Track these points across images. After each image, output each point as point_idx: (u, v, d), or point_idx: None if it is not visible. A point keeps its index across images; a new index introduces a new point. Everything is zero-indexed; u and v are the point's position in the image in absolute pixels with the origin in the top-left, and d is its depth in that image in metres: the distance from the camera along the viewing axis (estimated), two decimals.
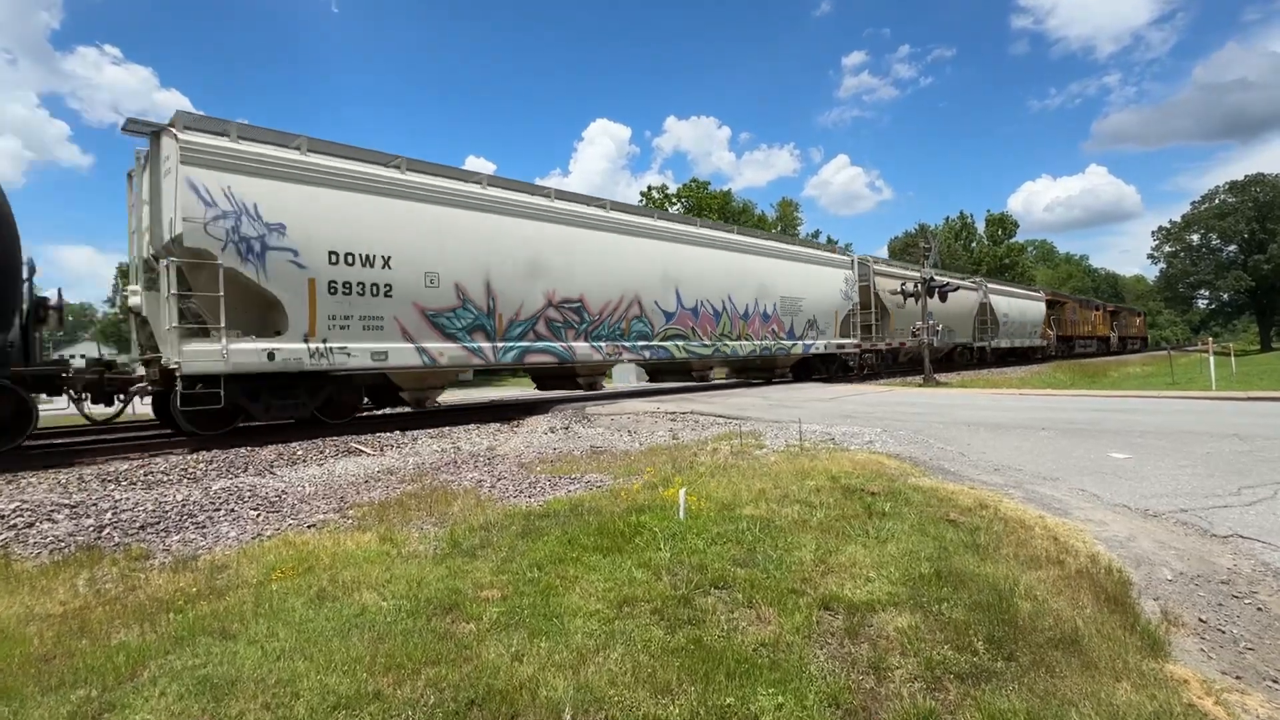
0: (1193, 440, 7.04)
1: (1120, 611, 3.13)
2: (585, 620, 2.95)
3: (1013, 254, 73.93)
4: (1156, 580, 3.57)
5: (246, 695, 2.39)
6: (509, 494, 5.73)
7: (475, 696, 2.38)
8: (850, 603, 3.15)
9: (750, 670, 2.58)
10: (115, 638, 2.96)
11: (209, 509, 5.36)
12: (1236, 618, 3.26)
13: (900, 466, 5.88)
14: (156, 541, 4.61)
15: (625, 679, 2.51)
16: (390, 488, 6.17)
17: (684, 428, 9.28)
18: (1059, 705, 2.39)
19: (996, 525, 4.19)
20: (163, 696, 2.40)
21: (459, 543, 4.13)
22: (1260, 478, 5.39)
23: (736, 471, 5.80)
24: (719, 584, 3.35)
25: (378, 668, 2.56)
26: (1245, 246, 65.03)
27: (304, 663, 2.59)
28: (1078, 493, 5.19)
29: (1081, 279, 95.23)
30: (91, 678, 2.56)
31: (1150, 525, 4.40)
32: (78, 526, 4.84)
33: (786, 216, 64.08)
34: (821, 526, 4.19)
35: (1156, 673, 2.62)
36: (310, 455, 8.11)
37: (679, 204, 51.11)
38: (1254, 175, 65.95)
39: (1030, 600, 3.15)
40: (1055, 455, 6.57)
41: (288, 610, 3.13)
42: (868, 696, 2.53)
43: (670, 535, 3.95)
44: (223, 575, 3.76)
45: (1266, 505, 4.69)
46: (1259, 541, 4.04)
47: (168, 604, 3.31)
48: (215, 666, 2.59)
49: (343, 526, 4.79)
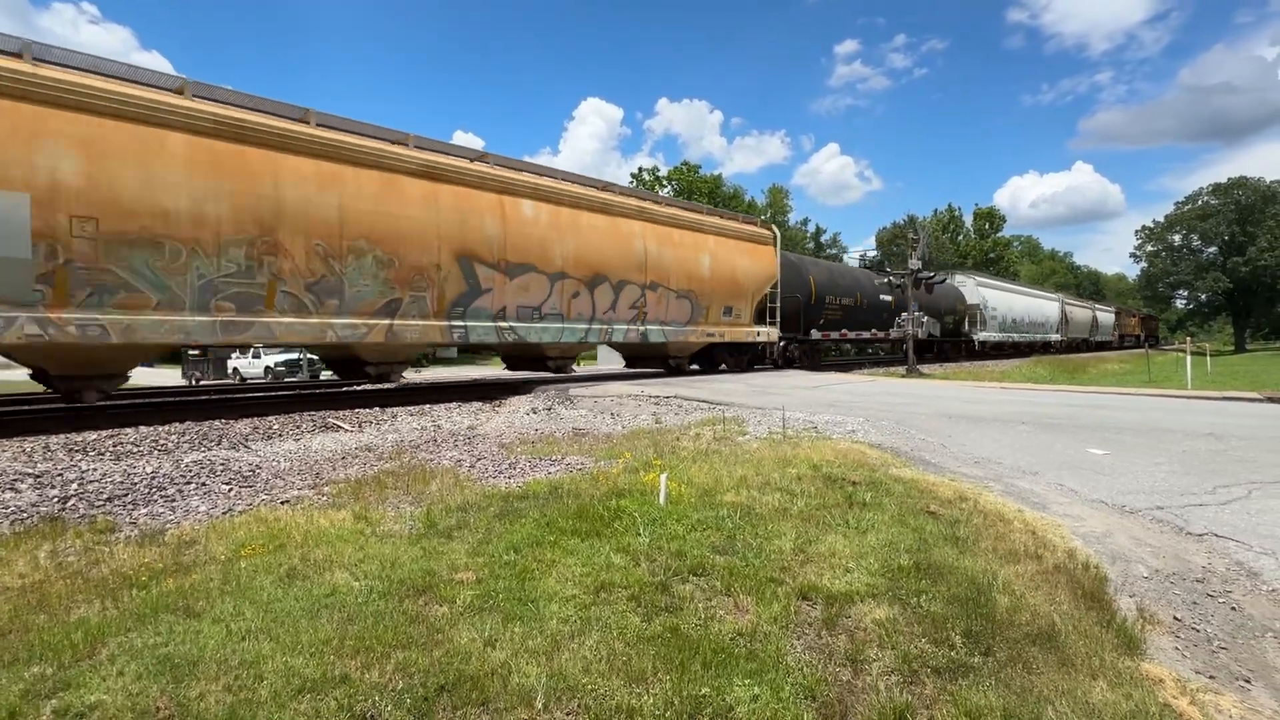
0: (1169, 438, 7.12)
1: (1097, 608, 3.14)
2: (561, 605, 2.90)
3: (999, 248, 74.54)
4: (1133, 577, 3.59)
5: (208, 676, 2.31)
6: (488, 474, 5.66)
7: (445, 682, 2.33)
8: (829, 593, 3.13)
9: (727, 660, 2.55)
10: (75, 613, 2.86)
11: (179, 482, 5.24)
12: (1211, 617, 3.28)
13: (882, 457, 5.88)
14: (123, 514, 4.49)
15: (599, 667, 2.46)
16: (367, 465, 6.07)
17: (667, 412, 9.24)
18: (1035, 702, 2.38)
19: (976, 518, 4.20)
20: (120, 676, 2.32)
21: (435, 523, 4.06)
22: (1235, 477, 5.45)
23: (718, 457, 5.77)
24: (697, 571, 3.31)
25: (346, 650, 2.49)
26: (1225, 248, 65.96)
27: (270, 643, 2.52)
28: (1056, 487, 5.22)
29: (1065, 275, 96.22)
30: (47, 654, 2.47)
31: (1127, 522, 4.43)
32: (41, 497, 4.71)
33: (777, 204, 64.02)
34: (802, 515, 4.17)
35: (1132, 671, 2.62)
36: (287, 430, 7.97)
37: (669, 187, 50.77)
38: (1237, 178, 66.69)
39: (1008, 595, 3.15)
40: (1035, 449, 6.61)
41: (256, 589, 3.05)
42: (844, 689, 2.51)
43: (650, 521, 3.91)
44: (190, 551, 3.67)
45: (1241, 505, 4.74)
46: (1233, 540, 4.08)
47: (131, 579, 3.21)
48: (177, 645, 2.51)
49: (317, 503, 4.69)
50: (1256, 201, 63.51)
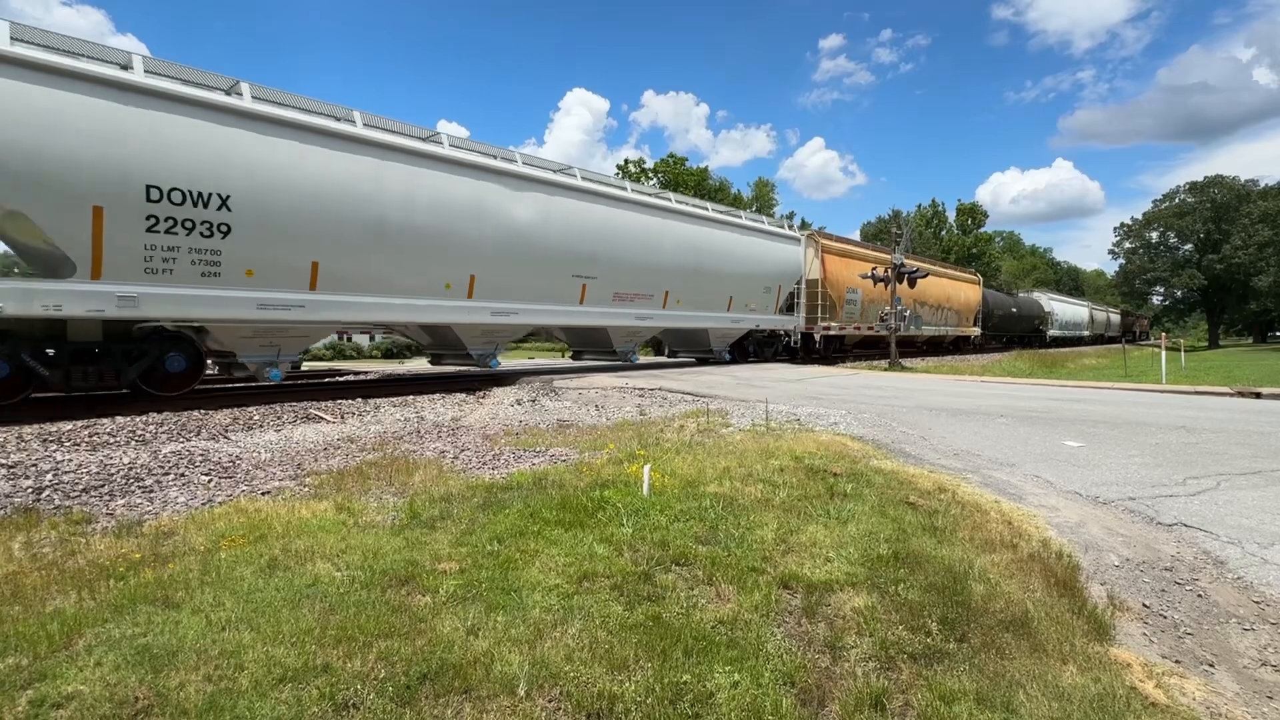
0: (1143, 431, 7.27)
1: (1069, 595, 3.21)
2: (544, 595, 2.92)
3: (980, 244, 75.22)
4: (1104, 566, 3.67)
5: (187, 666, 2.30)
6: (472, 465, 5.65)
7: (428, 671, 2.33)
8: (809, 582, 3.17)
9: (708, 647, 2.58)
10: (50, 604, 2.83)
11: (157, 473, 5.18)
12: (1178, 604, 3.37)
13: (863, 448, 5.95)
14: (100, 505, 4.44)
15: (582, 655, 2.48)
16: (350, 456, 6.04)
17: (652, 404, 9.27)
18: (1007, 686, 2.43)
19: (954, 509, 4.27)
20: (98, 666, 2.30)
21: (418, 514, 4.05)
22: (1204, 469, 5.58)
23: (702, 449, 5.81)
24: (680, 561, 3.34)
25: (328, 640, 2.49)
26: (1200, 246, 66.98)
27: (250, 634, 2.51)
28: (1033, 479, 5.31)
29: (1045, 271, 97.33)
30: (22, 645, 2.44)
31: (1100, 512, 4.53)
32: (15, 488, 4.63)
33: (762, 196, 64.04)
34: (784, 506, 4.21)
35: (1101, 656, 2.69)
36: (268, 420, 7.90)
37: (655, 179, 50.65)
38: (1213, 177, 67.62)
39: (983, 583, 3.21)
40: (1013, 442, 6.72)
41: (236, 579, 3.03)
42: (823, 675, 2.55)
43: (633, 511, 3.93)
44: (169, 542, 3.63)
45: (1209, 496, 4.86)
46: (1201, 530, 4.18)
47: (108, 570, 3.17)
48: (156, 636, 2.50)
49: (299, 494, 4.67)
50: (1231, 200, 64.52)
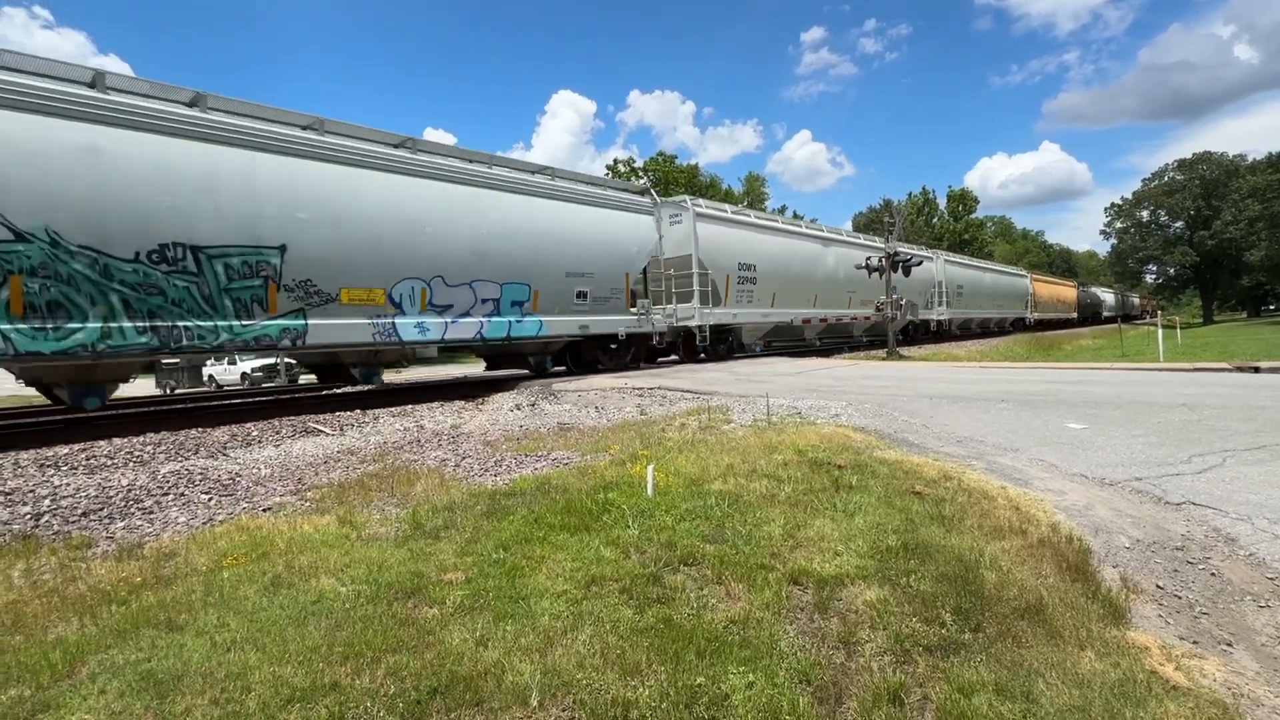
0: (1145, 410, 7.25)
1: (1081, 580, 3.18)
2: (552, 601, 2.88)
3: (972, 229, 75.37)
4: (1115, 548, 3.64)
5: (194, 690, 2.26)
6: (474, 473, 5.62)
7: (438, 684, 2.30)
8: (819, 577, 3.14)
9: (720, 648, 2.55)
10: (52, 632, 2.79)
11: (157, 494, 5.14)
12: (1191, 583, 3.35)
13: (866, 439, 5.92)
14: (99, 529, 4.39)
15: (593, 661, 2.45)
16: (350, 468, 5.99)
17: (652, 403, 9.23)
18: (1026, 675, 2.40)
19: (960, 497, 4.24)
20: (102, 694, 2.26)
21: (422, 524, 4.01)
22: (1209, 446, 5.56)
23: (704, 447, 5.77)
24: (688, 561, 3.31)
25: (335, 657, 2.45)
26: (1191, 223, 67.10)
27: (256, 654, 2.47)
28: (1037, 463, 5.29)
29: (1038, 254, 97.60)
30: (25, 676, 2.40)
31: (1107, 494, 4.50)
32: (13, 514, 4.59)
33: (754, 191, 64.09)
34: (790, 501, 4.18)
35: (1119, 640, 2.66)
36: (266, 436, 7.84)
37: (646, 178, 50.62)
38: (1201, 153, 67.80)
39: (995, 571, 3.18)
40: (1015, 426, 6.69)
41: (240, 599, 2.99)
42: (838, 671, 2.52)
43: (639, 512, 3.90)
44: (170, 563, 3.59)
45: (1216, 473, 4.83)
46: (1210, 508, 4.16)
47: (110, 595, 3.13)
48: (160, 660, 2.46)
49: (300, 509, 4.62)
50: (1220, 176, 64.65)
